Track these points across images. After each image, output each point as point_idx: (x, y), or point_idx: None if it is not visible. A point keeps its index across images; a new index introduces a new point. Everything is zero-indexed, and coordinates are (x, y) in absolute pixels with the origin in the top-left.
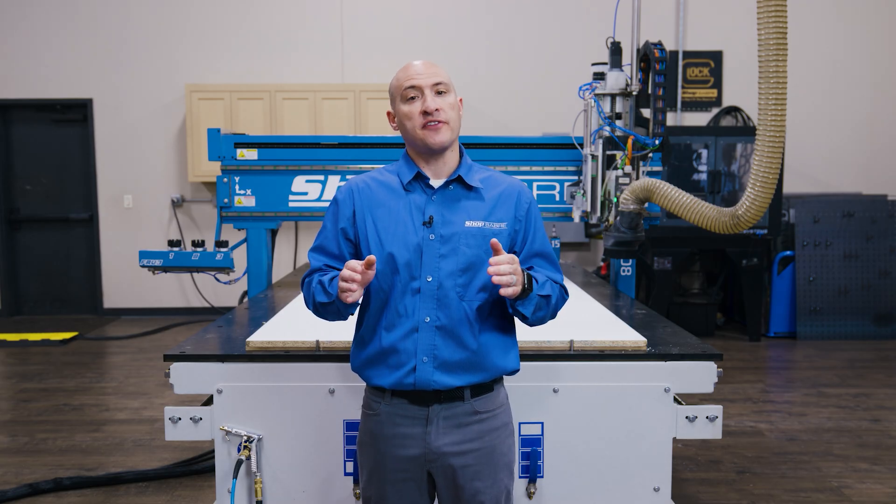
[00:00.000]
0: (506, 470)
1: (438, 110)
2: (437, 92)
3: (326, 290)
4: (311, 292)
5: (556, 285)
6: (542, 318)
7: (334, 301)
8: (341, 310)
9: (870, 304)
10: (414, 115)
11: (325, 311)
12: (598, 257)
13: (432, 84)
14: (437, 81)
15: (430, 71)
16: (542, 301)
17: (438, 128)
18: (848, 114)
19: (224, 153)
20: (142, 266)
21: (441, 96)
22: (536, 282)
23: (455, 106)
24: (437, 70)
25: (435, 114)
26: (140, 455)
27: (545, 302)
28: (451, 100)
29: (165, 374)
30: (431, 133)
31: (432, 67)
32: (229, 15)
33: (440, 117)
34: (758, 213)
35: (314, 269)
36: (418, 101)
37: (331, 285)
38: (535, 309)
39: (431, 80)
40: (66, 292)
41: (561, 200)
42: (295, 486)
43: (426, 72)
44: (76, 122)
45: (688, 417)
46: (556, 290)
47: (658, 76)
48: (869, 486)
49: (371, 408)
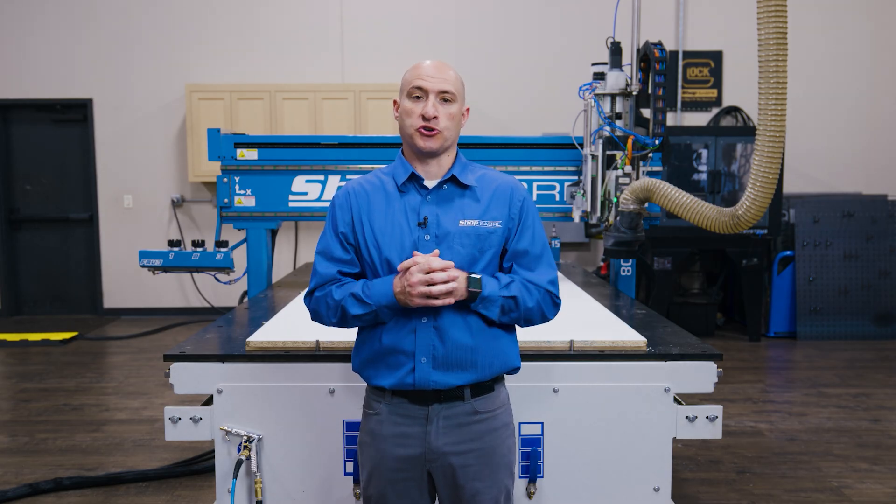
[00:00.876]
0: (506, 470)
1: (436, 118)
2: (442, 99)
3: (362, 300)
4: (340, 306)
5: (533, 289)
6: (516, 320)
7: (374, 310)
8: (382, 316)
9: (870, 304)
10: (413, 114)
11: (354, 322)
12: (598, 257)
13: (439, 90)
14: (445, 89)
15: (441, 76)
16: (508, 303)
17: (431, 135)
18: (848, 114)
19: (224, 153)
20: (142, 266)
21: (445, 104)
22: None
23: (456, 116)
24: (448, 76)
25: (432, 121)
26: (140, 455)
27: (514, 304)
28: (453, 110)
29: (165, 374)
30: (423, 138)
31: (445, 72)
32: (229, 15)
33: (436, 125)
34: (758, 213)
35: (327, 280)
36: (421, 103)
37: (366, 295)
38: (502, 312)
39: (440, 86)
40: (66, 292)
41: (561, 200)
42: (295, 486)
43: (437, 76)
44: (76, 122)
45: (688, 417)
46: (530, 294)
47: (658, 76)
48: (869, 486)
49: (371, 407)
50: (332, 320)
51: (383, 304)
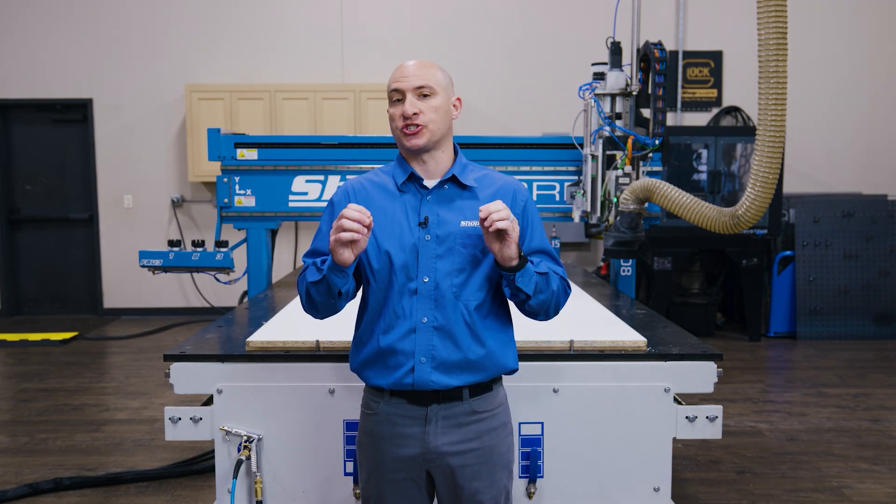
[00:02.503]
0: (505, 470)
1: (416, 114)
2: (420, 95)
3: (319, 267)
4: (304, 278)
5: (554, 276)
6: (543, 304)
7: (325, 276)
8: (332, 285)
9: (870, 304)
10: (396, 117)
11: (316, 295)
12: (598, 257)
13: (415, 87)
14: (420, 85)
15: (416, 73)
16: (541, 281)
17: (415, 132)
18: (848, 114)
19: (224, 153)
20: (142, 266)
21: (424, 100)
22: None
23: (440, 108)
24: (425, 72)
25: (413, 117)
26: (140, 455)
27: (545, 282)
28: (435, 102)
29: (165, 374)
30: (407, 137)
31: (422, 69)
32: (229, 15)
33: (417, 121)
34: (758, 213)
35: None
36: (401, 105)
37: (323, 265)
38: (536, 289)
39: (415, 83)
40: (66, 292)
41: (561, 200)
42: (295, 486)
43: (413, 74)
44: (76, 122)
45: (688, 417)
46: (554, 277)
47: (658, 76)
48: (869, 486)
49: (370, 407)
50: (303, 303)
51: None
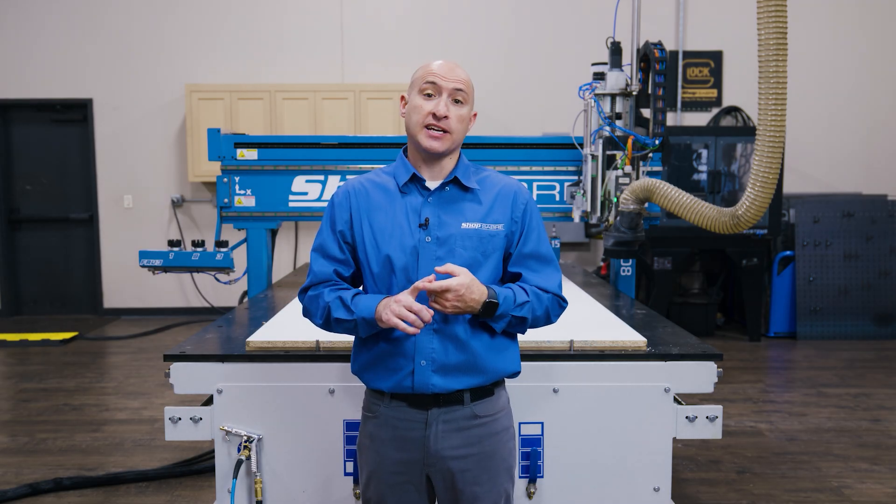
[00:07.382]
0: (506, 474)
1: (447, 118)
2: (454, 100)
3: (347, 306)
4: (326, 306)
5: (544, 298)
6: (528, 327)
7: (355, 320)
8: (360, 330)
9: (870, 304)
10: (423, 110)
11: (336, 327)
12: (598, 257)
13: (453, 88)
14: (459, 88)
15: (459, 76)
16: (515, 321)
17: (439, 136)
18: (848, 113)
19: (224, 153)
20: (142, 266)
21: (457, 105)
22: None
23: (465, 119)
24: (462, 77)
25: (442, 121)
26: (140, 455)
27: (519, 322)
28: (463, 112)
29: (165, 374)
30: (430, 138)
31: (462, 74)
32: (229, 15)
33: (445, 125)
34: (758, 213)
35: (322, 281)
36: (433, 101)
37: (353, 303)
38: (507, 326)
39: (454, 84)
40: (66, 292)
41: (561, 200)
42: (295, 486)
43: (455, 76)
44: (76, 122)
45: (688, 417)
46: (540, 301)
47: (658, 76)
48: (869, 486)
49: (371, 410)
50: (318, 321)
51: (364, 317)
